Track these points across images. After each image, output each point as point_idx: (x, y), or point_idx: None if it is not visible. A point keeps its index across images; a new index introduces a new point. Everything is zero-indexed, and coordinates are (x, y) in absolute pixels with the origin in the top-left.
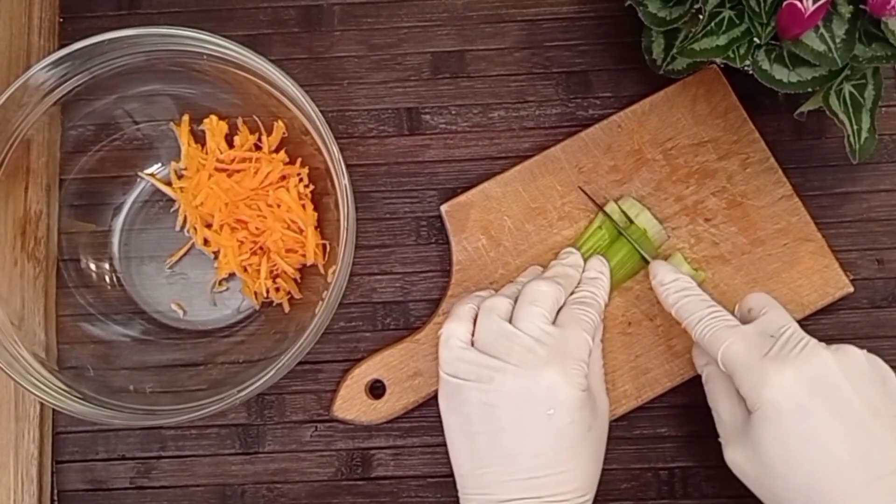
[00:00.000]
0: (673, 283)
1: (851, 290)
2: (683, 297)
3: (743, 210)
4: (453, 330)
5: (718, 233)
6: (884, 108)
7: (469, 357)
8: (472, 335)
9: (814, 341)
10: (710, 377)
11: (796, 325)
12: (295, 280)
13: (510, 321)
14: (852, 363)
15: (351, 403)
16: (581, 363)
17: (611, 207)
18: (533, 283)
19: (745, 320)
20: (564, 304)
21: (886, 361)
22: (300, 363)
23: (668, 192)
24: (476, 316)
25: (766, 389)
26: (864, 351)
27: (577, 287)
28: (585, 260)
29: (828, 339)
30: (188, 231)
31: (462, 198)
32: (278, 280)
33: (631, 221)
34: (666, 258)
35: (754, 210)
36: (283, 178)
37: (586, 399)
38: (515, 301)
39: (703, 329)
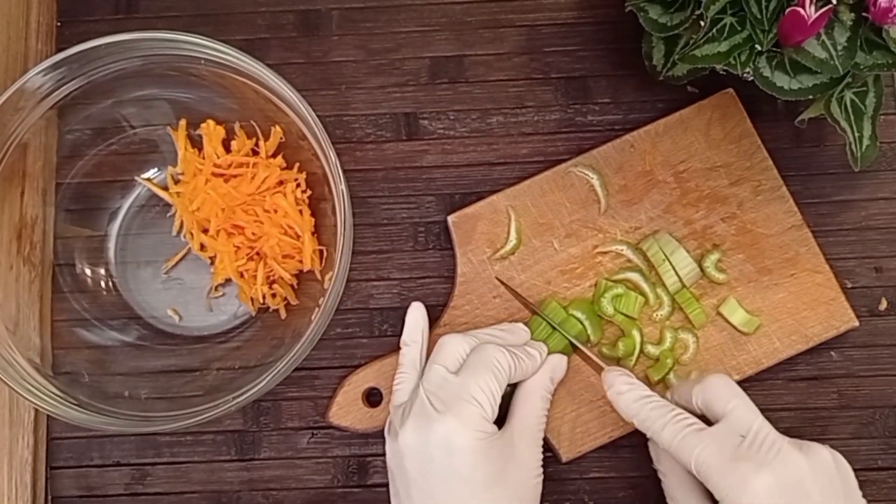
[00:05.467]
0: (629, 392)
1: (856, 324)
2: (643, 406)
3: (752, 237)
4: (397, 389)
5: (726, 259)
6: (882, 117)
7: (395, 413)
8: None
9: (785, 441)
10: (669, 477)
11: (762, 420)
12: (292, 286)
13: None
14: (822, 466)
15: (347, 410)
16: (481, 406)
17: (647, 242)
18: (442, 338)
19: (705, 410)
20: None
21: (884, 370)
22: (296, 369)
23: (677, 216)
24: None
25: (747, 495)
26: (830, 450)
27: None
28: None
29: (827, 348)
30: (184, 236)
31: (469, 209)
32: (275, 286)
33: (666, 257)
34: (721, 301)
35: (763, 238)
36: (281, 183)
37: (491, 444)
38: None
39: (669, 436)
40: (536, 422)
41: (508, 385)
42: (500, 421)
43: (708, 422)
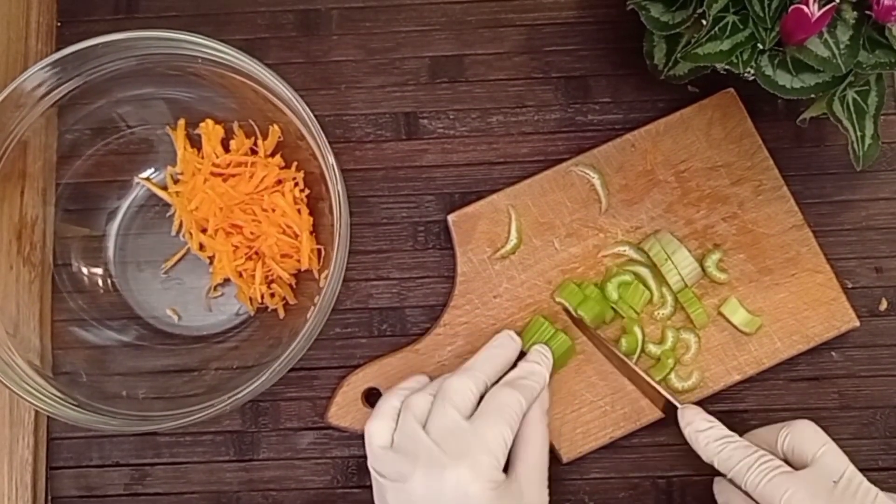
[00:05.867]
0: (710, 430)
1: (857, 324)
2: (726, 446)
3: (753, 237)
4: (374, 429)
5: (727, 259)
6: (883, 116)
7: (387, 457)
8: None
9: (874, 488)
10: None
11: (853, 467)
12: (290, 285)
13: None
14: None
15: (346, 410)
16: (495, 457)
17: (649, 242)
18: (448, 379)
19: (791, 455)
20: (492, 386)
21: (885, 371)
22: (295, 369)
23: (678, 215)
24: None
25: None
26: None
27: (512, 369)
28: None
29: (828, 348)
30: (183, 236)
31: (470, 208)
32: (273, 285)
33: (668, 257)
34: (722, 302)
35: (764, 238)
36: (279, 182)
37: (503, 492)
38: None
39: (756, 477)
40: (541, 461)
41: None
42: None
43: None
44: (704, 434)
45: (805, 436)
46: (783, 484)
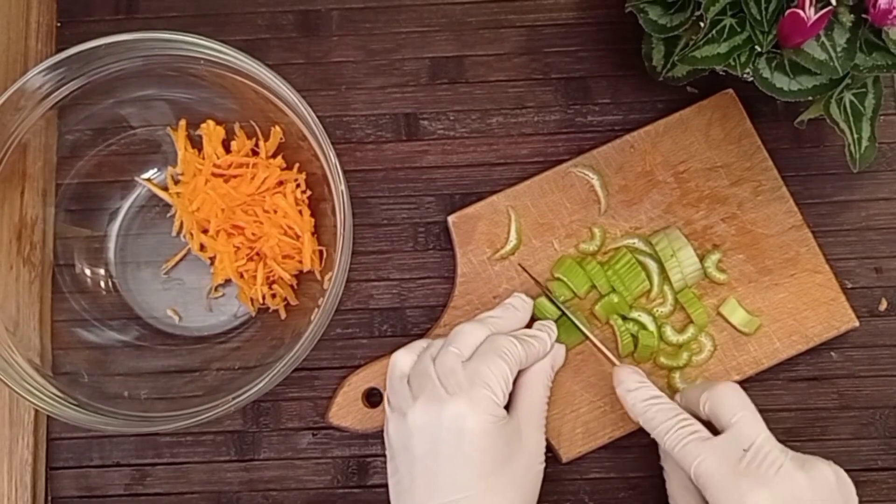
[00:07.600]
0: (638, 390)
1: (857, 324)
2: (650, 407)
3: (752, 238)
4: (398, 358)
5: (726, 259)
6: (882, 117)
7: (400, 387)
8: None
9: (787, 457)
10: (672, 478)
11: (767, 434)
12: (291, 286)
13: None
14: (822, 484)
15: (347, 411)
16: (493, 391)
17: (658, 237)
18: (459, 325)
19: (712, 418)
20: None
21: (884, 371)
22: (296, 370)
23: (677, 216)
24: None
25: None
26: (833, 466)
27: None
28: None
29: (827, 348)
30: (184, 237)
31: (470, 209)
32: (275, 286)
33: (674, 253)
34: (721, 301)
35: (763, 238)
36: (280, 183)
37: (501, 428)
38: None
39: (672, 441)
40: (540, 408)
41: None
42: None
43: (714, 429)
44: (633, 394)
45: (724, 401)
46: (696, 450)
